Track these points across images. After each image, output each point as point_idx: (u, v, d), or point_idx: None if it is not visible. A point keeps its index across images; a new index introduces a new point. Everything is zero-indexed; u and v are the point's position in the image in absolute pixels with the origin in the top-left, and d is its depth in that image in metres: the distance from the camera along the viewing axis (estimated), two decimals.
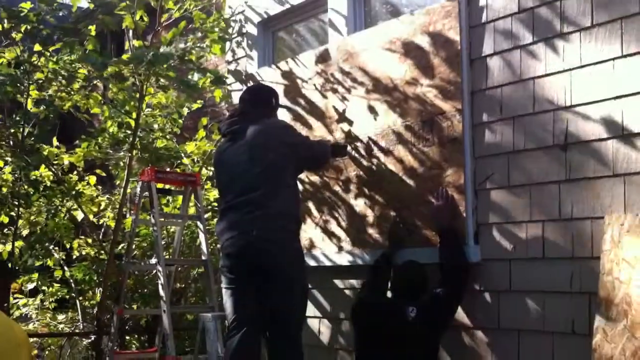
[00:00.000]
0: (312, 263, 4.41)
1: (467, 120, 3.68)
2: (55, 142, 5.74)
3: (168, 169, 5.77)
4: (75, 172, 5.94)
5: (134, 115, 5.48)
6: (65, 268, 6.22)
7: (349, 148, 4.27)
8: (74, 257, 6.24)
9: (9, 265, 5.58)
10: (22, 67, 5.11)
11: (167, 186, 5.20)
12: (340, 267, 4.31)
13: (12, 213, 5.42)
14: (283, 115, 4.42)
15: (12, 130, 5.29)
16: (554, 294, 3.32)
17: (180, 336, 5.84)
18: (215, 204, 6.16)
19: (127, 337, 6.23)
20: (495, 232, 3.57)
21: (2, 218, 5.55)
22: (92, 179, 6.12)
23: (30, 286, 6.41)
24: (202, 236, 4.94)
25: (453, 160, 3.72)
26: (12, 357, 3.04)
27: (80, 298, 6.28)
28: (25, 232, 5.80)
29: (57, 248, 6.13)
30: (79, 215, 5.90)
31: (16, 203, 5.28)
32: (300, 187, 4.30)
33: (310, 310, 4.46)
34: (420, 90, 3.91)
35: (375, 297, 3.86)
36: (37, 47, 5.10)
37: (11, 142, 5.31)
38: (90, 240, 6.13)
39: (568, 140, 3.31)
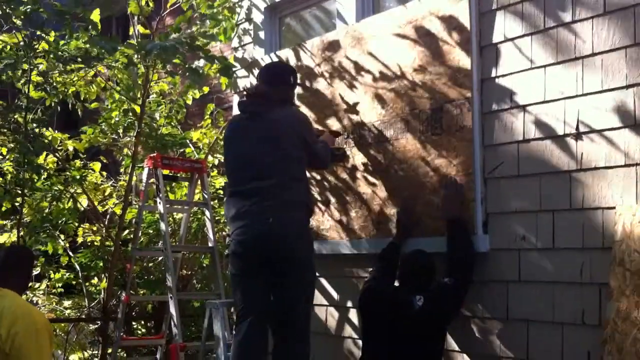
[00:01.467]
0: (319, 251, 4.38)
1: (477, 109, 3.64)
2: (50, 130, 5.68)
3: (172, 156, 5.75)
4: (78, 160, 5.91)
5: (140, 101, 5.45)
6: (71, 254, 6.22)
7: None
8: (79, 243, 6.23)
9: None
10: (22, 52, 5.05)
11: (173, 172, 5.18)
12: (348, 255, 4.29)
13: (17, 201, 5.39)
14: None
15: (16, 116, 5.26)
16: (564, 285, 3.29)
17: (186, 323, 5.84)
18: (221, 192, 6.16)
19: (134, 323, 6.25)
20: (504, 222, 3.54)
21: (6, 204, 5.52)
22: (97, 166, 6.10)
23: (35, 272, 6.40)
24: (209, 223, 4.93)
25: (462, 148, 3.68)
26: (32, 341, 3.07)
27: (87, 284, 6.29)
28: (29, 219, 5.78)
29: (62, 235, 6.12)
30: (84, 202, 5.89)
31: (19, 192, 5.25)
32: (307, 174, 4.27)
33: (318, 298, 4.45)
34: (429, 78, 3.87)
35: (382, 286, 3.84)
36: (38, 32, 5.04)
37: (12, 127, 5.28)
38: (95, 228, 6.13)
39: (580, 129, 3.27)
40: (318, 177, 4.50)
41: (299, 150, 3.79)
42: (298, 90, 4.57)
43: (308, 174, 4.42)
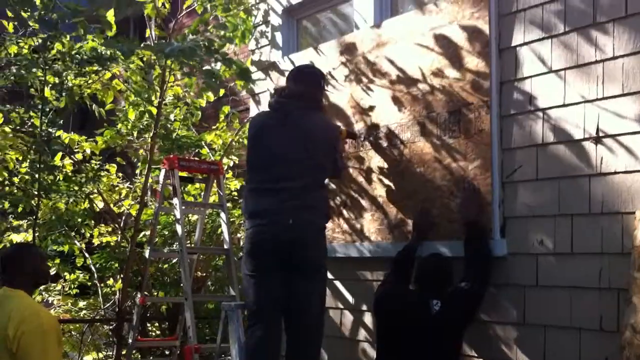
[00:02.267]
0: (335, 254, 4.38)
1: (495, 112, 3.62)
2: (65, 133, 5.70)
3: (189, 157, 5.76)
4: (94, 161, 5.93)
5: (156, 102, 5.46)
6: (87, 255, 6.24)
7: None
8: (96, 244, 6.25)
9: None
10: (39, 54, 5.06)
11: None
12: (364, 258, 4.28)
13: (33, 202, 5.40)
14: None
15: (32, 120, 5.27)
16: (582, 290, 3.27)
17: (201, 325, 5.85)
18: (235, 194, 6.16)
19: (148, 325, 6.26)
20: (522, 226, 3.52)
21: (24, 205, 5.54)
22: (113, 168, 6.12)
23: (51, 272, 6.43)
24: (224, 225, 4.92)
25: (480, 152, 3.66)
26: (39, 342, 3.08)
27: (102, 285, 6.31)
28: (43, 219, 5.79)
29: (77, 236, 6.15)
30: (100, 203, 5.91)
31: (35, 193, 5.27)
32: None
33: (333, 301, 4.44)
34: (447, 81, 3.85)
35: (398, 289, 3.82)
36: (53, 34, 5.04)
37: (27, 131, 5.30)
38: (110, 229, 6.15)
39: (599, 133, 3.24)
40: (334, 180, 4.49)
41: (327, 158, 3.86)
42: None
43: None
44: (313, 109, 3.90)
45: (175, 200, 4.71)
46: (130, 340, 5.03)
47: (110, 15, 4.92)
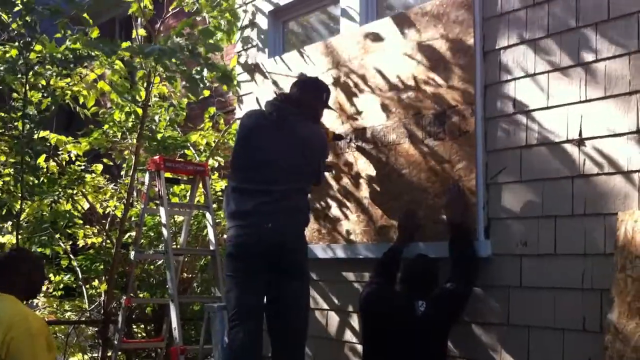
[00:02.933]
0: (320, 255, 4.39)
1: (480, 114, 3.65)
2: (47, 133, 5.66)
3: (175, 159, 5.75)
4: (77, 162, 5.90)
5: (141, 102, 5.45)
6: (72, 256, 6.22)
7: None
8: (81, 246, 6.23)
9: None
10: (20, 55, 5.03)
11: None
12: (349, 260, 4.29)
13: (16, 203, 5.37)
14: None
15: (17, 123, 5.23)
16: (565, 291, 3.29)
17: (186, 326, 5.84)
18: (220, 193, 6.15)
19: (134, 326, 6.24)
20: (506, 227, 3.54)
21: (7, 207, 5.50)
22: (98, 169, 6.10)
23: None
24: (210, 226, 4.92)
25: (464, 154, 3.69)
26: (28, 347, 3.06)
27: (87, 286, 6.29)
28: (24, 218, 5.75)
29: (62, 237, 6.12)
30: (85, 205, 5.89)
31: (19, 195, 5.23)
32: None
33: (319, 302, 4.45)
34: (431, 84, 3.87)
35: (383, 290, 3.83)
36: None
37: (11, 134, 5.27)
38: (95, 230, 6.12)
39: (582, 135, 3.27)
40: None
41: (314, 166, 3.90)
42: None
43: None
44: (308, 118, 3.93)
45: (161, 202, 4.70)
46: (115, 342, 5.02)
47: (86, 16, 4.90)
